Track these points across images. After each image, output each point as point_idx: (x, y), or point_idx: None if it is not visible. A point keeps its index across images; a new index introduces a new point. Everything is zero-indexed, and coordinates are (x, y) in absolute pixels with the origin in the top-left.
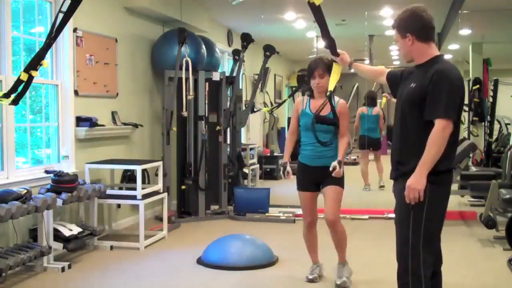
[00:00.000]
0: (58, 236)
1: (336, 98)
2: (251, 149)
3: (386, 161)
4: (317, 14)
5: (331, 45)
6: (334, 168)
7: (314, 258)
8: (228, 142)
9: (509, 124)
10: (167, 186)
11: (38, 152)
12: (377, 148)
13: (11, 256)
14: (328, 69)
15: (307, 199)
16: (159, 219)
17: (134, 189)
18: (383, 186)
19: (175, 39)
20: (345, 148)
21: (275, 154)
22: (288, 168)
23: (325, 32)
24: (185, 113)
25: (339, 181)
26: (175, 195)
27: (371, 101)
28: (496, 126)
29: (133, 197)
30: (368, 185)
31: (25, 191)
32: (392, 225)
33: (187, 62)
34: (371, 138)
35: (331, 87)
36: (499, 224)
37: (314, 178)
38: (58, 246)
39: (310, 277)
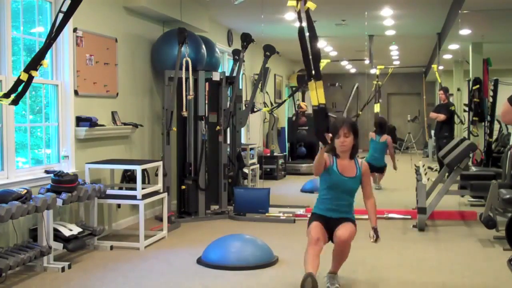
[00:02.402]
0: (58, 236)
1: (359, 160)
2: (251, 149)
3: (388, 162)
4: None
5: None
6: (373, 238)
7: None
8: (228, 142)
9: (508, 124)
10: (167, 186)
11: (38, 152)
12: (381, 173)
13: (11, 256)
14: (352, 128)
15: (318, 226)
16: (159, 219)
17: (134, 189)
18: (380, 188)
19: (175, 39)
20: (375, 212)
21: (275, 154)
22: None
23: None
24: (185, 113)
25: (354, 222)
26: (175, 195)
27: (379, 128)
28: (496, 126)
29: (133, 197)
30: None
31: (25, 191)
32: (392, 224)
33: (187, 62)
34: (376, 167)
35: (321, 100)
36: (499, 224)
37: (328, 224)
38: (58, 246)
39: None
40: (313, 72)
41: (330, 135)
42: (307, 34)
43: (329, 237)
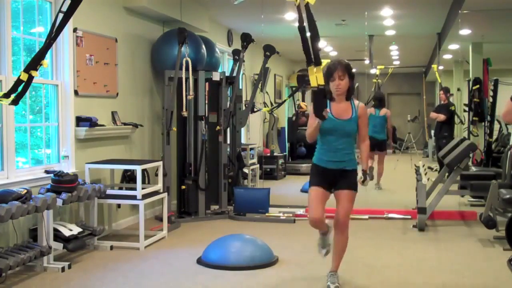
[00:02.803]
0: (58, 236)
1: (356, 101)
2: (251, 149)
3: (388, 162)
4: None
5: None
6: (361, 180)
7: (323, 230)
8: (228, 142)
9: (509, 124)
10: (167, 186)
11: (38, 152)
12: (382, 149)
13: (11, 256)
14: (347, 71)
15: (318, 194)
16: (159, 219)
17: (134, 189)
18: (380, 188)
19: (175, 39)
20: (367, 155)
21: (275, 154)
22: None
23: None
24: (185, 113)
25: (353, 185)
26: (175, 195)
27: (378, 102)
28: (496, 126)
29: (133, 197)
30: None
31: (25, 191)
32: (392, 224)
33: (187, 62)
34: (376, 139)
35: (320, 82)
36: (499, 224)
37: (329, 179)
38: (58, 246)
39: (323, 251)
40: (313, 58)
41: (328, 110)
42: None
43: (330, 189)
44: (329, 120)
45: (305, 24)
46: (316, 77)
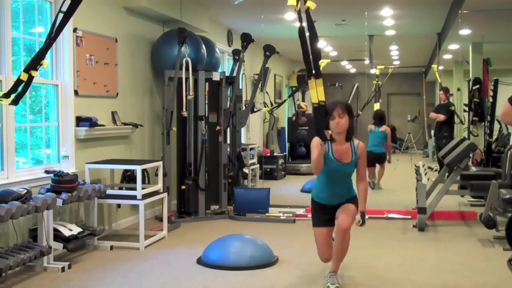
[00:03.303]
0: (58, 236)
1: (355, 141)
2: (251, 149)
3: (389, 165)
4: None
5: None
6: (359, 223)
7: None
8: (228, 142)
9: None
10: (167, 186)
11: (38, 152)
12: (381, 162)
13: (11, 256)
14: (347, 109)
15: (323, 234)
16: (159, 219)
17: (134, 189)
18: (380, 188)
19: (175, 39)
20: (366, 195)
21: (275, 154)
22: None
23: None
24: (185, 113)
25: (354, 201)
26: (175, 195)
27: (379, 120)
28: (496, 126)
29: (133, 197)
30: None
31: (25, 191)
32: (392, 224)
33: (187, 62)
34: (375, 153)
35: (321, 97)
36: (499, 224)
37: (330, 213)
38: (58, 246)
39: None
40: (313, 70)
41: (330, 132)
42: (307, 33)
43: (333, 220)
44: (330, 162)
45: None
46: (316, 91)
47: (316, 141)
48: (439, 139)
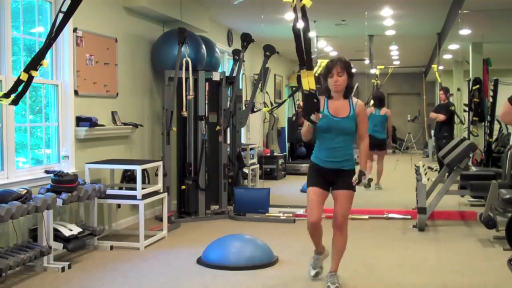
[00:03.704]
0: (58, 236)
1: (354, 99)
2: (251, 149)
3: (388, 162)
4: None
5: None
6: (355, 181)
7: (319, 249)
8: (228, 142)
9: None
10: (167, 186)
11: (38, 152)
12: (382, 149)
13: (11, 256)
14: (346, 68)
15: (316, 194)
16: (159, 219)
17: (134, 189)
18: (380, 188)
19: (175, 39)
20: (366, 154)
21: (275, 154)
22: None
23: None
24: (185, 113)
25: (352, 185)
26: (175, 195)
27: (378, 102)
28: (496, 126)
29: (133, 197)
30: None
31: (25, 191)
32: (392, 224)
33: (187, 62)
34: (376, 138)
35: (312, 86)
36: (499, 224)
37: (327, 178)
38: (58, 246)
39: (313, 272)
40: (306, 62)
41: (320, 115)
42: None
43: (328, 188)
44: (326, 118)
45: (300, 26)
46: (308, 81)
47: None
48: (439, 139)
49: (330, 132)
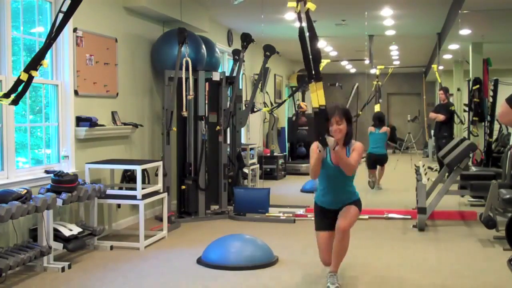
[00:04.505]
0: (58, 236)
1: (353, 142)
2: (251, 149)
3: (388, 162)
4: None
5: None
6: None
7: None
8: (228, 142)
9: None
10: (167, 186)
11: (38, 152)
12: (382, 163)
13: (11, 256)
14: (345, 115)
15: (325, 238)
16: (159, 219)
17: (134, 189)
18: (380, 188)
19: (175, 39)
20: (346, 163)
21: (275, 154)
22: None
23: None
24: (185, 113)
25: (357, 204)
26: (175, 195)
27: (378, 122)
28: (496, 126)
29: (133, 197)
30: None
31: (25, 191)
32: (392, 224)
33: (187, 62)
34: (377, 155)
35: (321, 102)
36: (499, 224)
37: (331, 216)
38: (58, 246)
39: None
40: (314, 73)
41: (332, 139)
42: (307, 35)
43: (334, 225)
44: (328, 167)
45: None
46: (317, 95)
47: (315, 146)
48: (439, 139)
49: (331, 179)
